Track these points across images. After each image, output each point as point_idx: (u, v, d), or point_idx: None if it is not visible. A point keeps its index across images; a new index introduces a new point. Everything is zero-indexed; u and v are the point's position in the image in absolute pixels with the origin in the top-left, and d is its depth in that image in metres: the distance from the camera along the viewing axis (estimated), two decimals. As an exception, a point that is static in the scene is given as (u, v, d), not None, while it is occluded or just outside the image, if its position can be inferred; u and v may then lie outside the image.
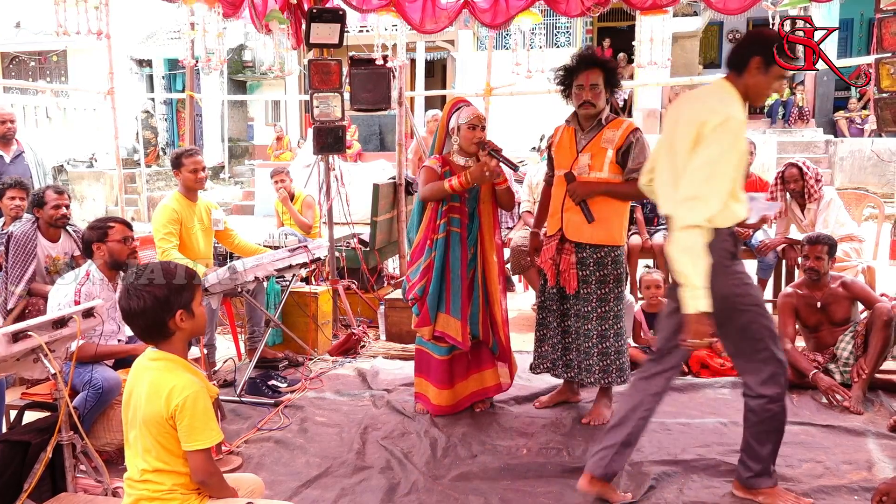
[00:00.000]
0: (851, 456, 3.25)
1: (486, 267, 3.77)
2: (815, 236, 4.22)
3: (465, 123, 3.66)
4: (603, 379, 3.64)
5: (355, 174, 10.50)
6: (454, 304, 3.69)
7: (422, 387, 3.91)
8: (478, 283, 3.75)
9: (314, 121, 5.23)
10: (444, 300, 3.70)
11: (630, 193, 3.60)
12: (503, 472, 3.19)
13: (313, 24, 4.98)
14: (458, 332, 3.69)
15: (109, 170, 13.40)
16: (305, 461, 3.35)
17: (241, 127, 18.29)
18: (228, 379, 4.32)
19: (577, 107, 3.57)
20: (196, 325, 2.17)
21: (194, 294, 2.16)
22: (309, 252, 4.67)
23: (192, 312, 2.15)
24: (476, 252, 3.74)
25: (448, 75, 17.01)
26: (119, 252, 3.51)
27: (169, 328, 2.12)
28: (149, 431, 2.08)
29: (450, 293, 3.70)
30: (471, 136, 3.66)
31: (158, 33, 17.59)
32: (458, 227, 3.69)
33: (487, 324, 3.80)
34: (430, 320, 3.71)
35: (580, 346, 3.66)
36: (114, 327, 3.58)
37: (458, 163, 3.74)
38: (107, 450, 3.28)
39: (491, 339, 3.83)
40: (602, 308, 3.60)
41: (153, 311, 2.10)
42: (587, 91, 3.51)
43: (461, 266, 3.70)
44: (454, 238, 3.69)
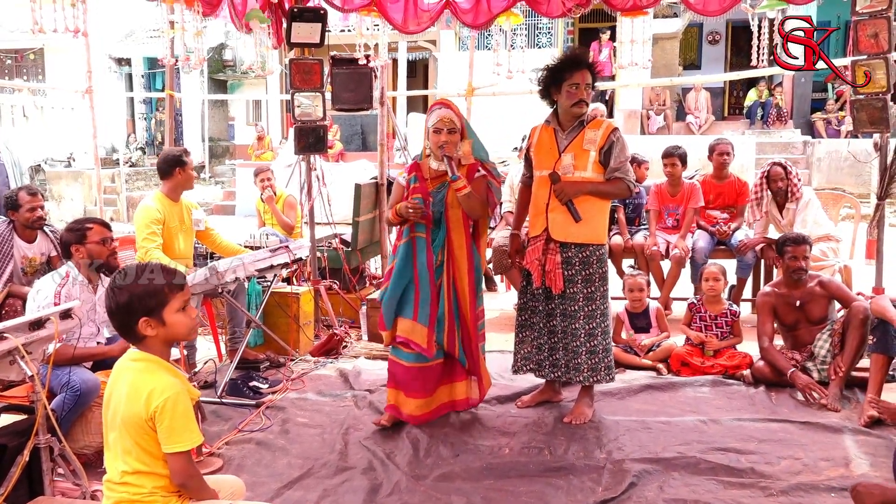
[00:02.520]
0: (829, 453, 3.29)
1: (456, 275, 3.63)
2: (801, 237, 4.25)
3: (431, 127, 3.56)
4: (592, 377, 3.66)
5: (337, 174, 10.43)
6: (422, 311, 3.57)
7: (392, 397, 3.72)
8: (444, 290, 3.60)
9: (295, 120, 5.20)
10: (412, 306, 3.58)
11: (614, 192, 3.66)
12: (485, 471, 3.19)
13: (294, 24, 4.96)
14: (424, 339, 3.57)
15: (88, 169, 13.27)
16: (287, 462, 3.33)
17: (222, 126, 18.18)
18: (209, 380, 4.29)
19: (571, 105, 3.57)
20: (169, 333, 2.12)
21: (166, 302, 2.10)
22: (290, 252, 4.65)
23: (163, 321, 2.09)
24: (444, 259, 3.60)
25: (430, 75, 17.03)
26: (98, 253, 3.47)
27: (138, 333, 2.09)
28: (128, 433, 2.06)
29: (418, 299, 3.58)
30: (435, 140, 3.53)
31: (137, 31, 17.44)
32: (422, 232, 3.59)
33: (454, 333, 3.65)
34: (386, 325, 3.65)
35: (568, 346, 3.67)
36: (93, 329, 3.55)
37: (431, 167, 3.63)
38: (85, 452, 3.24)
39: (457, 348, 3.66)
40: (589, 307, 3.62)
41: (119, 315, 2.10)
42: (582, 90, 3.54)
43: (428, 272, 3.57)
44: (419, 243, 3.59)
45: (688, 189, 5.66)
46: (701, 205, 5.64)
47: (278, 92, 16.65)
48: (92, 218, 3.68)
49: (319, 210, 5.48)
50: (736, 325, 4.56)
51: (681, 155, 5.65)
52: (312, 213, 5.45)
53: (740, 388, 4.14)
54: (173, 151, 4.54)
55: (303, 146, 5.23)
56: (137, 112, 18.47)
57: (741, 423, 3.63)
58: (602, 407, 3.86)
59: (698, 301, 4.66)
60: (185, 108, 17.02)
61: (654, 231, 5.68)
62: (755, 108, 14.32)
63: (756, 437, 3.47)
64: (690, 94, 14.19)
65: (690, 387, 4.17)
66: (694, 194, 5.63)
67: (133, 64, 17.91)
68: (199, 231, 4.66)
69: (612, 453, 3.33)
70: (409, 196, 3.61)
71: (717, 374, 4.30)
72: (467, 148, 3.60)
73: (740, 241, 5.43)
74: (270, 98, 17.00)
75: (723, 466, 3.16)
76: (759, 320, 4.25)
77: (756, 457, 3.25)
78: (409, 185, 3.63)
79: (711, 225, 5.64)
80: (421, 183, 3.62)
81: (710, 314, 4.58)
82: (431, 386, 3.68)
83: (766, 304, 4.25)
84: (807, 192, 5.43)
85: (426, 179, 3.62)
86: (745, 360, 4.33)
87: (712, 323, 4.57)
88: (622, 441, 3.46)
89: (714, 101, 14.91)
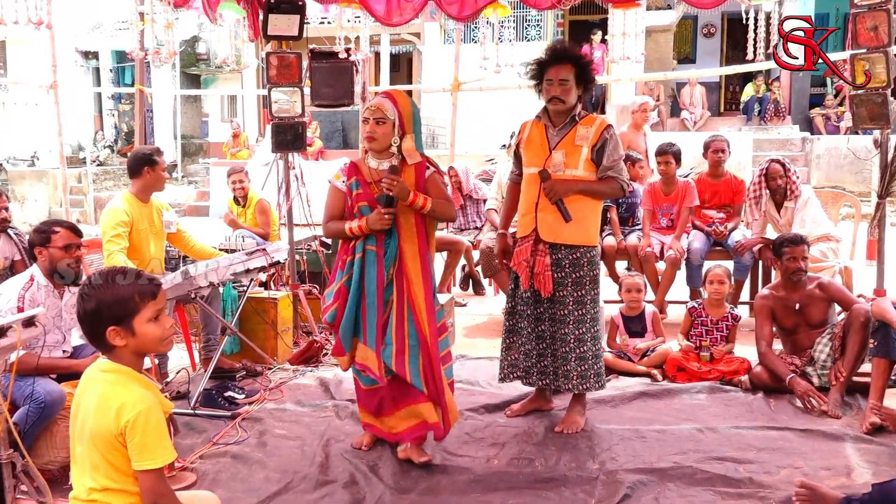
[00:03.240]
0: (830, 461, 3.32)
1: (410, 289, 3.31)
2: (798, 237, 4.29)
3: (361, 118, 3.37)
4: (581, 385, 3.66)
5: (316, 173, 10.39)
6: (370, 334, 3.32)
7: (364, 416, 3.55)
8: (393, 309, 3.32)
9: (273, 117, 5.18)
10: (361, 328, 3.34)
11: (606, 191, 3.67)
12: (473, 484, 3.19)
13: (271, 15, 4.95)
14: (375, 365, 3.32)
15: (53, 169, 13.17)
16: (264, 476, 3.31)
17: (195, 123, 18.09)
18: (182, 391, 4.26)
19: (546, 102, 3.61)
20: (139, 344, 2.09)
21: (136, 311, 2.07)
22: (267, 255, 4.64)
23: (133, 330, 2.06)
24: (394, 273, 3.30)
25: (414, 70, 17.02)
26: (58, 259, 3.44)
27: (107, 341, 2.07)
28: (96, 448, 2.04)
29: (365, 321, 3.32)
30: (362, 132, 3.31)
31: (105, 23, 17.32)
32: (373, 244, 3.29)
33: (404, 355, 3.29)
34: (345, 350, 3.39)
35: (556, 352, 3.67)
36: (58, 337, 3.52)
37: (370, 167, 3.35)
38: (50, 468, 3.21)
39: (407, 371, 3.27)
40: (579, 311, 3.62)
41: (87, 322, 2.07)
42: (556, 86, 3.54)
43: (377, 290, 3.28)
44: (369, 257, 3.30)
45: (682, 188, 5.69)
46: (696, 204, 5.68)
47: (254, 87, 16.59)
48: (62, 221, 3.64)
49: (298, 211, 5.46)
50: (733, 331, 4.58)
51: (674, 152, 5.68)
52: (290, 214, 5.43)
53: (738, 394, 4.16)
54: (144, 150, 4.52)
55: (280, 144, 5.22)
56: (105, 108, 18.35)
57: (739, 431, 3.65)
58: (594, 415, 3.87)
59: (699, 305, 4.67)
60: (156, 104, 16.92)
61: (648, 231, 5.71)
62: (752, 103, 14.44)
63: (754, 445, 3.49)
64: (685, 89, 14.30)
65: (686, 393, 4.19)
66: (689, 193, 5.66)
67: (101, 57, 17.79)
68: (170, 234, 4.64)
69: (606, 464, 3.33)
70: (354, 206, 3.32)
71: (714, 381, 4.32)
72: (410, 144, 3.30)
73: (737, 242, 5.47)
74: (246, 93, 16.94)
75: (720, 476, 3.17)
76: (757, 324, 4.28)
77: (754, 466, 3.27)
78: (350, 192, 3.35)
79: (707, 225, 5.68)
80: (364, 189, 3.31)
81: (712, 319, 4.58)
82: (389, 406, 3.41)
83: (765, 308, 4.28)
84: (806, 191, 5.48)
85: (369, 184, 3.32)
86: (742, 365, 4.36)
87: (713, 328, 4.57)
88: (616, 451, 3.47)
89: (709, 97, 15.03)
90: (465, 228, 6.88)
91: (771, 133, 13.48)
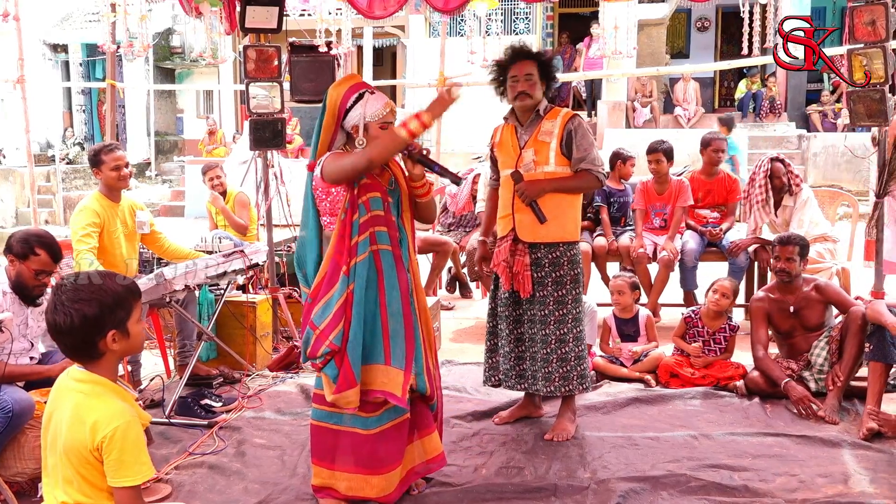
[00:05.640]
0: (827, 468, 3.35)
1: (418, 296, 3.10)
2: (787, 236, 4.34)
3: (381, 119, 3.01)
4: (563, 387, 3.68)
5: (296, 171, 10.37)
6: (395, 351, 2.92)
7: (329, 479, 3.02)
8: (417, 318, 3.05)
9: (250, 113, 5.17)
10: (381, 346, 2.92)
11: (582, 185, 3.69)
12: (460, 494, 3.19)
13: (249, 7, 4.94)
14: (400, 387, 2.88)
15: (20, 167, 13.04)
16: (243, 488, 3.30)
17: (170, 119, 17.98)
18: (156, 398, 4.23)
19: (513, 99, 3.68)
20: (130, 346, 2.10)
21: (131, 311, 2.08)
22: (246, 257, 4.62)
23: (127, 332, 2.07)
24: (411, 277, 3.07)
25: (398, 64, 17.02)
26: (26, 279, 3.41)
27: (99, 349, 2.04)
28: (70, 462, 2.02)
29: (388, 335, 2.92)
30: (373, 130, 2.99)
31: (75, 15, 17.20)
32: (387, 243, 2.97)
33: (432, 373, 3.08)
34: (357, 379, 2.86)
35: (536, 354, 3.69)
36: (25, 344, 3.49)
37: None
38: (18, 480, 3.19)
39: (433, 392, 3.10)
40: (560, 311, 3.65)
41: (81, 331, 2.02)
42: (522, 81, 3.61)
43: (401, 297, 2.96)
44: (385, 259, 2.95)
45: (676, 187, 5.71)
46: (690, 203, 5.70)
47: (231, 82, 16.52)
48: (48, 242, 3.48)
49: (277, 211, 5.44)
50: (731, 342, 4.55)
51: (665, 150, 5.69)
52: (270, 215, 5.42)
53: (733, 400, 4.19)
54: (93, 148, 4.48)
55: (259, 141, 5.21)
56: (75, 104, 18.18)
57: (734, 438, 3.68)
58: (586, 422, 3.89)
59: (695, 314, 4.63)
60: (128, 99, 16.80)
61: (641, 232, 5.73)
62: (747, 99, 14.52)
63: (750, 452, 3.52)
64: (678, 84, 14.37)
65: (680, 399, 4.22)
66: (682, 192, 5.68)
67: (70, 51, 17.63)
68: (144, 234, 4.61)
69: (597, 472, 3.35)
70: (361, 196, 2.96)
71: (709, 386, 4.34)
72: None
73: (731, 243, 5.49)
74: (223, 88, 16.85)
75: (715, 485, 3.19)
76: (753, 327, 4.31)
77: (750, 474, 3.30)
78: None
79: (701, 225, 5.71)
80: (371, 179, 2.99)
81: (708, 330, 4.54)
82: (399, 447, 3.02)
83: (760, 311, 4.31)
84: (805, 190, 5.52)
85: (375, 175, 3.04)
86: (738, 370, 4.39)
87: (710, 339, 4.54)
88: (607, 459, 3.48)
89: (704, 92, 15.11)
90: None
91: (767, 130, 13.57)
